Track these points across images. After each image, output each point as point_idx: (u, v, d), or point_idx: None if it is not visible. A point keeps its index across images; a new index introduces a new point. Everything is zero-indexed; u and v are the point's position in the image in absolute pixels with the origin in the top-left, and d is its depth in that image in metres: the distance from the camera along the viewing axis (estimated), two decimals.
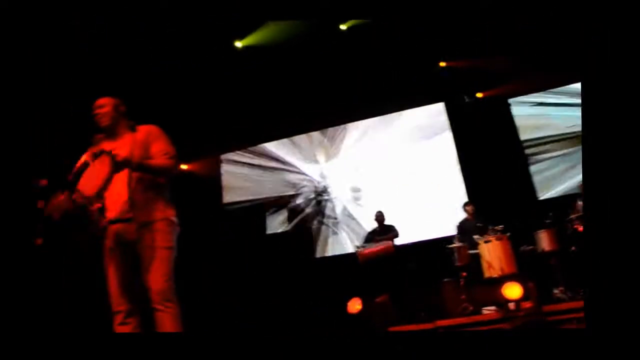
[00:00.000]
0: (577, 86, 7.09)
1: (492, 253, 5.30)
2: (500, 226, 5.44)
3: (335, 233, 7.99)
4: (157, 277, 2.60)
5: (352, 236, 7.74)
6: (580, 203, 5.38)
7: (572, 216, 5.26)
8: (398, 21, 6.79)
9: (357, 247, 6.01)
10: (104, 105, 2.87)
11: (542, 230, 5.31)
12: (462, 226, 6.03)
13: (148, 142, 2.78)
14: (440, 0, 6.28)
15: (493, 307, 5.22)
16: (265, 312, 6.17)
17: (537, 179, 7.06)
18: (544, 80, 6.97)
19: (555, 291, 4.98)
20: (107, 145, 2.75)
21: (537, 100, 7.25)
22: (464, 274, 5.43)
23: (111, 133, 2.86)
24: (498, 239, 5.32)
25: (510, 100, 7.32)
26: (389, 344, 1.90)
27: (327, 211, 8.15)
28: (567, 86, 7.07)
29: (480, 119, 7.28)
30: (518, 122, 7.28)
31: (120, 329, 2.64)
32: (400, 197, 7.46)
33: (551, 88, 7.10)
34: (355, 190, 8.00)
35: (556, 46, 6.35)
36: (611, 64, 1.34)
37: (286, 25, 6.79)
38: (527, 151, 7.19)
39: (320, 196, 8.27)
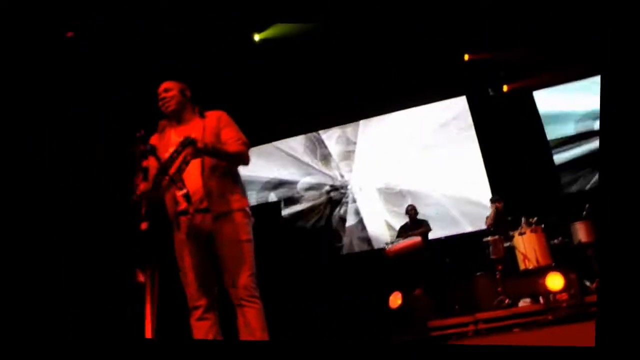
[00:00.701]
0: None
1: (527, 245, 5.32)
2: (534, 218, 5.45)
3: (363, 229, 7.98)
4: (242, 271, 2.50)
5: (377, 233, 7.76)
6: None
7: None
8: (422, 15, 6.76)
9: (386, 243, 6.01)
10: (171, 89, 2.71)
11: (579, 222, 5.32)
12: (494, 220, 6.02)
13: (219, 128, 2.64)
14: None
15: (529, 300, 5.24)
16: (298, 313, 6.16)
17: (563, 173, 7.07)
18: (569, 71, 6.96)
19: (592, 283, 4.99)
20: (174, 132, 2.65)
21: (562, 93, 7.25)
22: (500, 266, 5.45)
23: (178, 118, 2.71)
24: (533, 231, 5.34)
25: (535, 93, 7.32)
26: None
27: (349, 209, 8.15)
28: (592, 78, 7.09)
29: (505, 112, 7.27)
30: (543, 115, 7.28)
31: (198, 325, 2.54)
32: (426, 192, 7.48)
33: (576, 80, 7.10)
34: (381, 186, 8.00)
35: (579, 37, 6.36)
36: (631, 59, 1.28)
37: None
38: (553, 144, 7.19)
39: (337, 191, 8.25)
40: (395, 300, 4.79)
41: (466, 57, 7.28)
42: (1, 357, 1.73)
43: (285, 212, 7.99)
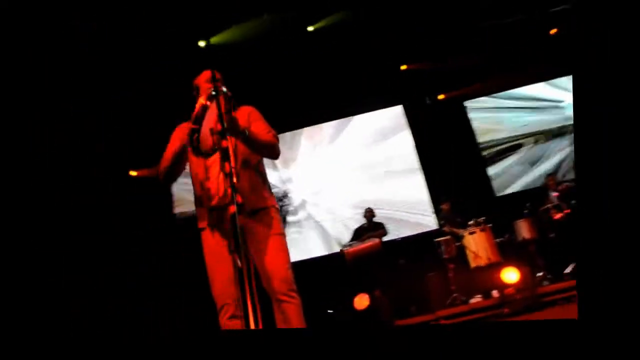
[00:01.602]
0: (526, 89, 7.77)
1: (478, 244, 5.60)
2: (483, 217, 5.76)
3: (300, 235, 7.91)
4: (281, 266, 2.44)
5: (318, 240, 7.74)
6: (554, 194, 5.86)
7: (548, 205, 5.71)
8: (360, 25, 6.95)
9: (343, 245, 6.02)
10: (218, 79, 2.56)
11: (521, 220, 5.70)
12: (443, 220, 6.27)
13: (249, 121, 2.56)
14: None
15: (480, 296, 5.50)
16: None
17: (494, 178, 7.56)
18: (500, 83, 7.51)
19: (539, 274, 5.36)
20: (205, 124, 2.44)
21: (492, 104, 7.80)
22: (452, 265, 5.67)
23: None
24: (482, 230, 5.63)
25: (466, 103, 7.78)
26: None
27: (289, 217, 8.05)
28: (518, 89, 7.71)
29: (439, 120, 7.65)
30: (474, 124, 7.76)
31: (231, 324, 2.40)
32: (367, 198, 7.59)
33: (506, 90, 7.68)
34: (317, 193, 8.01)
35: (513, 50, 6.91)
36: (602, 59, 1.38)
37: (249, 23, 6.67)
38: (484, 152, 7.67)
39: (280, 201, 8.15)
40: (362, 301, 4.78)
41: (403, 67, 7.56)
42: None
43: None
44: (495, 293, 5.25)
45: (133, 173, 7.42)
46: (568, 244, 5.41)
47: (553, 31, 7.15)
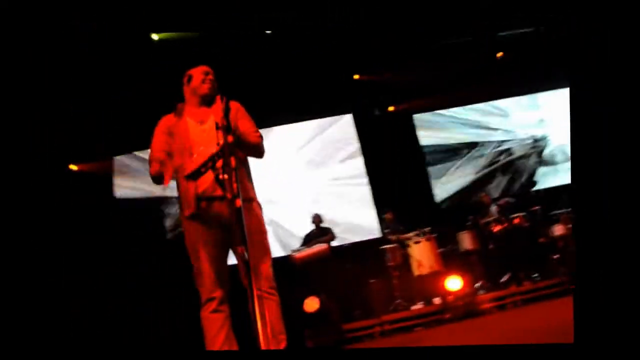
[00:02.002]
0: (474, 108, 8.15)
1: (422, 252, 5.77)
2: (428, 228, 5.95)
3: None
4: (264, 262, 2.46)
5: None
6: (494, 208, 6.16)
7: (489, 219, 5.99)
8: (315, 32, 6.99)
9: (293, 250, 5.99)
10: (213, 73, 2.73)
11: (464, 232, 5.95)
12: (388, 229, 6.41)
13: (236, 118, 2.58)
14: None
15: (422, 303, 5.66)
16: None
17: (437, 190, 7.84)
18: (448, 100, 7.84)
19: (478, 284, 5.60)
20: (190, 116, 2.61)
21: (439, 119, 8.11)
22: (396, 272, 5.80)
23: (204, 103, 2.67)
24: (427, 239, 5.82)
25: (415, 117, 8.05)
26: None
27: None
28: (466, 107, 8.09)
29: (387, 132, 7.84)
30: (421, 137, 8.03)
31: (213, 317, 2.42)
32: (312, 203, 7.62)
33: (454, 107, 8.02)
34: (263, 197, 7.93)
35: (463, 70, 7.25)
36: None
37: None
38: (428, 165, 7.95)
39: None
40: (312, 304, 4.78)
41: (355, 76, 7.70)
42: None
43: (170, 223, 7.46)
44: (436, 300, 5.42)
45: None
46: (505, 255, 5.72)
47: (499, 54, 7.58)
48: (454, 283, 5.06)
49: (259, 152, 2.62)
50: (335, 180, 7.85)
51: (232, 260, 2.49)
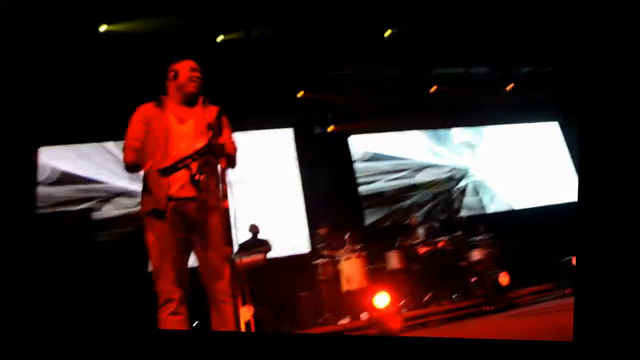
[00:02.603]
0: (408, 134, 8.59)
1: (352, 268, 5.98)
2: (359, 245, 6.19)
3: None
4: (227, 268, 2.43)
5: None
6: (421, 231, 6.52)
7: (415, 241, 6.34)
8: (270, 43, 7.07)
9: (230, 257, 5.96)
10: (199, 70, 2.67)
11: (392, 251, 6.25)
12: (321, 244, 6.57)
13: (221, 125, 2.51)
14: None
15: (348, 318, 5.85)
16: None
17: (366, 209, 8.14)
18: (386, 125, 8.23)
19: (402, 302, 5.89)
20: (173, 113, 2.57)
21: (375, 142, 8.46)
22: (326, 286, 5.96)
23: (188, 102, 2.64)
24: (358, 256, 6.05)
25: (351, 138, 8.35)
26: None
27: None
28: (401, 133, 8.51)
29: (325, 150, 8.06)
30: (356, 158, 8.33)
31: (171, 319, 2.36)
32: (248, 213, 7.62)
33: (390, 131, 8.42)
34: None
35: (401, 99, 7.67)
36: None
37: (158, 22, 6.45)
38: (360, 186, 8.25)
39: None
40: (246, 314, 4.80)
41: (300, 93, 7.87)
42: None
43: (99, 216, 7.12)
44: (363, 315, 5.63)
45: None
46: (428, 275, 6.08)
47: (433, 89, 8.13)
48: (381, 300, 5.29)
49: (233, 162, 2.61)
50: (271, 191, 7.91)
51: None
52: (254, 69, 7.31)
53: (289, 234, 7.70)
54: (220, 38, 6.80)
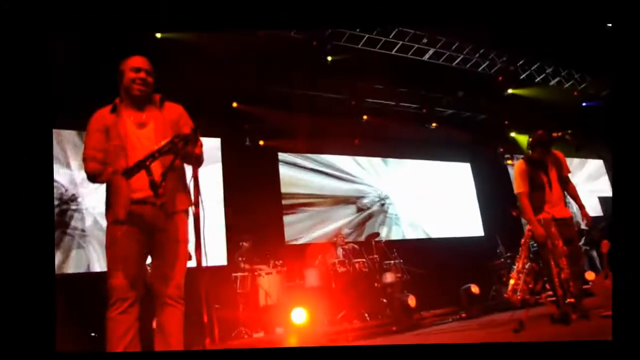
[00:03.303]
0: (333, 158, 8.89)
1: (271, 284, 6.08)
2: (280, 261, 6.31)
3: (80, 247, 7.25)
4: (180, 272, 2.46)
5: (100, 254, 7.22)
6: (340, 251, 6.77)
7: (335, 260, 6.58)
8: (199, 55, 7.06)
9: (147, 264, 5.80)
10: (151, 73, 2.54)
11: (311, 269, 6.43)
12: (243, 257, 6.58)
13: (179, 125, 2.54)
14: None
15: (262, 332, 5.92)
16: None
17: (288, 227, 8.28)
18: (314, 146, 8.49)
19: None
20: (129, 116, 2.50)
21: (301, 161, 8.68)
22: (244, 300, 5.99)
23: (140, 103, 2.55)
24: (278, 272, 6.17)
25: (280, 155, 8.50)
26: None
27: (74, 222, 7.36)
28: (326, 156, 8.80)
29: (253, 163, 8.13)
30: (282, 175, 8.48)
31: (121, 318, 2.35)
32: None
33: (316, 153, 8.68)
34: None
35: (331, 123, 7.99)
36: None
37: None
38: (284, 202, 8.39)
39: (66, 204, 7.41)
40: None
41: (235, 104, 7.93)
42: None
43: None
44: (278, 330, 5.73)
45: None
46: (343, 294, 6.33)
47: (365, 117, 8.56)
48: (298, 316, 5.44)
49: (199, 161, 2.53)
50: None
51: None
52: (193, 75, 7.25)
53: (208, 244, 7.61)
54: (159, 35, 6.70)
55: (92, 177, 2.47)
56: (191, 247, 2.47)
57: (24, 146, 2.22)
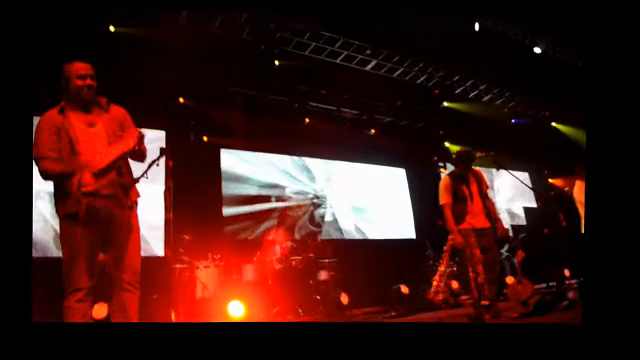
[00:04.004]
0: (275, 157, 9.12)
1: (209, 277, 6.24)
2: (219, 255, 6.47)
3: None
4: (136, 259, 2.69)
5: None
6: (278, 248, 7.02)
7: (272, 257, 6.82)
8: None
9: None
10: (94, 78, 2.74)
11: (250, 265, 6.64)
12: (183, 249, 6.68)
13: (124, 126, 2.79)
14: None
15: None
16: None
17: (229, 223, 8.42)
18: (257, 145, 8.69)
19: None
20: (77, 118, 2.69)
21: (243, 158, 8.85)
22: (181, 292, 6.11)
23: (86, 107, 2.76)
24: (216, 266, 6.33)
25: (223, 151, 8.64)
26: None
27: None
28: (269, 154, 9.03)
29: (197, 158, 8.21)
30: (224, 170, 8.61)
31: (77, 307, 2.54)
32: None
33: (259, 151, 8.89)
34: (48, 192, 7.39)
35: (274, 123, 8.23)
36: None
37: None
38: (225, 197, 8.53)
39: None
40: (101, 310, 4.79)
41: (181, 100, 8.00)
42: None
43: None
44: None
45: None
46: (279, 290, 6.58)
47: (307, 120, 8.87)
48: (235, 309, 5.64)
49: (143, 157, 2.86)
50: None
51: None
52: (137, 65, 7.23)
53: (147, 234, 7.64)
54: (112, 28, 6.66)
55: (48, 176, 2.64)
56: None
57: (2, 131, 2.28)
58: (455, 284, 7.12)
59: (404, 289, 7.26)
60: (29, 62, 2.37)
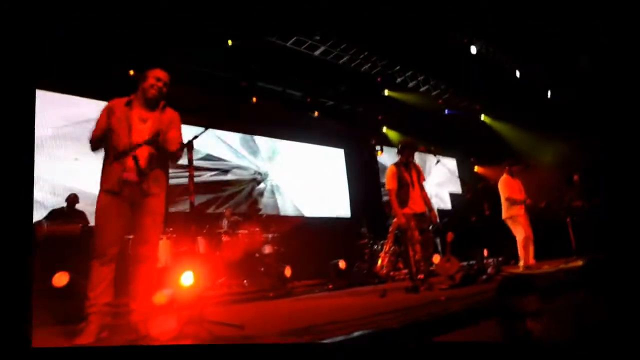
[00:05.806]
0: (227, 134, 9.32)
1: (161, 249, 6.46)
2: (171, 228, 6.71)
3: None
4: (157, 235, 3.17)
5: None
6: (225, 222, 7.34)
7: (221, 230, 7.15)
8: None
9: (37, 221, 5.82)
10: (169, 84, 3.19)
11: (201, 237, 6.94)
12: None
13: (170, 127, 3.16)
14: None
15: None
16: None
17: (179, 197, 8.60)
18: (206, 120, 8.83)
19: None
20: (138, 114, 3.12)
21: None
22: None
23: (150, 105, 3.15)
24: (168, 238, 6.58)
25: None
26: None
27: None
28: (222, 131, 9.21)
29: None
30: None
31: (102, 269, 2.99)
32: (65, 180, 7.34)
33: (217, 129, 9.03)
34: None
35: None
36: None
37: None
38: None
39: None
40: (61, 279, 4.94)
41: (131, 72, 7.97)
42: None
43: None
44: (166, 291, 6.17)
45: None
46: (226, 262, 6.96)
47: (254, 99, 9.15)
48: (187, 279, 5.94)
49: (175, 158, 3.16)
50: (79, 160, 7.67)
51: None
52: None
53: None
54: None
55: (94, 148, 3.12)
56: None
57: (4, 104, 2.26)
58: (396, 260, 7.76)
59: (342, 264, 7.88)
60: (29, 62, 2.45)
